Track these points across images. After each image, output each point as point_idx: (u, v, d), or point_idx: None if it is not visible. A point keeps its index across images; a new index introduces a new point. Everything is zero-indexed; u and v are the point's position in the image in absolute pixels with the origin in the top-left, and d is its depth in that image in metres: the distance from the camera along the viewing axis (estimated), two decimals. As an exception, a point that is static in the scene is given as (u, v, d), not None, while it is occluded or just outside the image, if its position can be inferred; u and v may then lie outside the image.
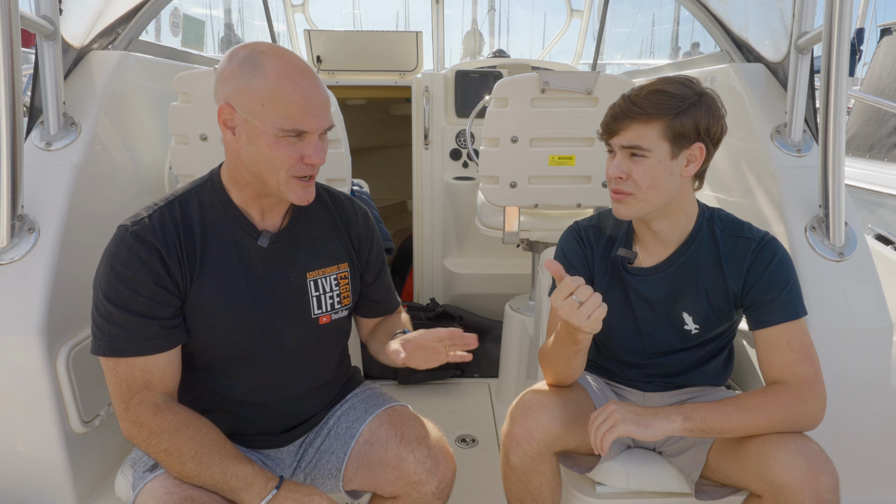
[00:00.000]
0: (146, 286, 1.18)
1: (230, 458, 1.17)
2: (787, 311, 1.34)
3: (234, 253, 1.27)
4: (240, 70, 1.16)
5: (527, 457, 1.38)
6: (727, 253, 1.42)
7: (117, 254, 1.19)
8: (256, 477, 1.17)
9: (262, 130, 1.16)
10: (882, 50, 5.45)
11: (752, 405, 1.28)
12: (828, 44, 1.50)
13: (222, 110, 1.19)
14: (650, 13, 13.19)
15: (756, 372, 1.67)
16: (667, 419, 1.28)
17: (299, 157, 1.19)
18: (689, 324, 1.46)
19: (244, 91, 1.16)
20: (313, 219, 1.38)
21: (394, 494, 1.33)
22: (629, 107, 1.33)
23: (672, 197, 1.37)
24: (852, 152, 5.29)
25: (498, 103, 2.16)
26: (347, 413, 1.44)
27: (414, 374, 2.80)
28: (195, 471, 1.15)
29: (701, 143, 1.33)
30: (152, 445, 1.17)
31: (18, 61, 1.45)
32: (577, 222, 1.60)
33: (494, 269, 3.46)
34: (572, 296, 1.19)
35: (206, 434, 1.19)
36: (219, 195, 1.28)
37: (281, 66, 1.15)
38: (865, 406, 1.61)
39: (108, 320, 1.18)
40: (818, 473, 1.18)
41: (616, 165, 1.36)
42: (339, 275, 1.40)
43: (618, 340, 1.54)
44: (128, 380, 1.19)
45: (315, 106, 1.17)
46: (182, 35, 4.94)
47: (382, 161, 4.57)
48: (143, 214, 1.23)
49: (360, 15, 22.24)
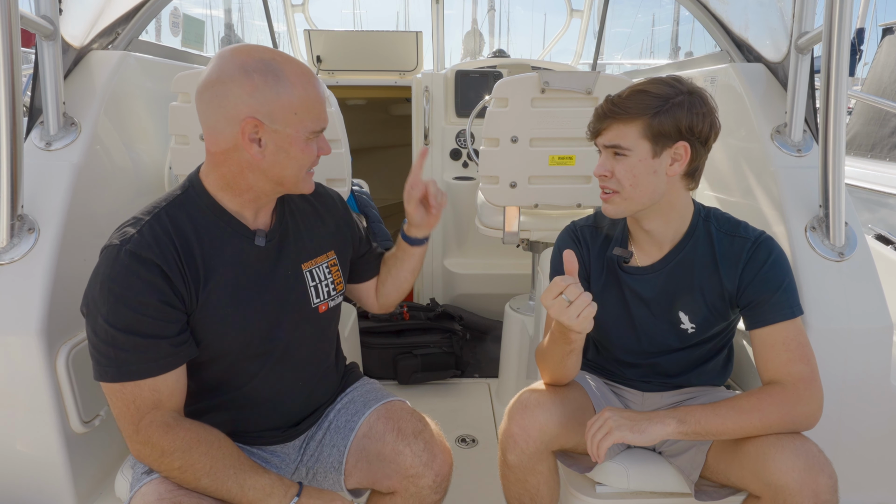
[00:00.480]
0: (151, 305, 1.13)
1: (246, 471, 1.16)
2: (782, 311, 1.34)
3: (233, 257, 1.27)
4: (264, 83, 1.15)
5: (524, 455, 1.38)
6: (723, 252, 1.42)
7: (113, 276, 1.13)
8: (275, 486, 1.16)
9: (295, 137, 1.20)
10: (884, 49, 5.44)
11: (747, 406, 1.27)
12: (828, 44, 1.50)
13: (245, 126, 1.15)
14: (650, 13, 13.18)
15: (755, 372, 1.67)
16: (661, 423, 1.28)
17: (317, 153, 1.27)
18: (686, 323, 1.46)
19: (275, 103, 1.16)
20: (297, 212, 1.41)
21: (391, 489, 1.34)
22: (610, 108, 1.36)
23: (660, 196, 1.38)
24: (854, 152, 5.29)
25: (498, 103, 2.16)
26: (347, 407, 1.45)
27: (414, 373, 2.80)
28: (211, 486, 1.14)
29: (685, 142, 1.33)
30: (165, 464, 1.14)
31: (18, 61, 1.45)
32: (574, 222, 1.61)
33: (494, 269, 3.46)
34: (562, 295, 1.20)
35: (219, 448, 1.17)
36: (206, 202, 1.26)
37: (297, 72, 1.19)
38: (865, 406, 1.61)
39: (113, 345, 1.13)
40: (817, 474, 1.17)
41: (601, 164, 1.40)
42: (329, 262, 1.43)
43: (615, 340, 1.54)
44: (136, 401, 1.15)
45: (323, 103, 1.25)
46: (182, 35, 4.94)
47: (382, 161, 4.57)
48: (131, 231, 1.16)
49: (361, 15, 22.26)
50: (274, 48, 1.25)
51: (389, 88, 3.62)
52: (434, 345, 2.87)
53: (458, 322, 3.14)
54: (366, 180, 2.71)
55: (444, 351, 2.87)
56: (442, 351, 2.86)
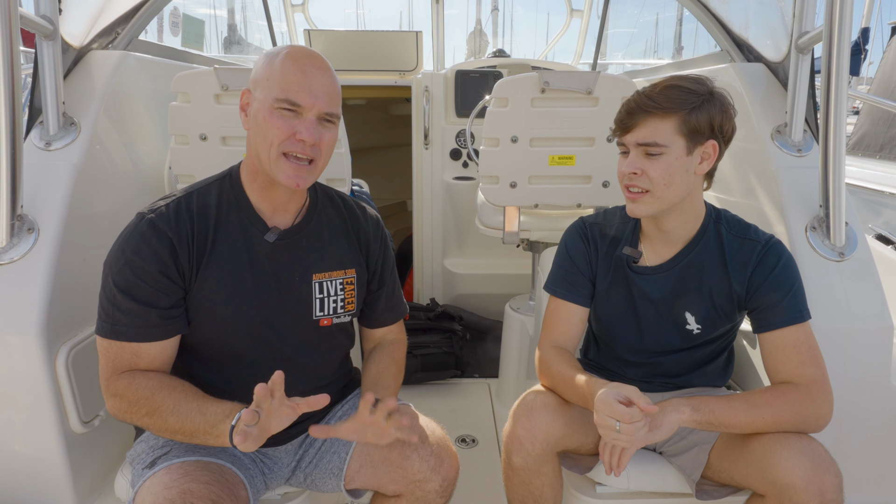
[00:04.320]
0: (150, 274, 1.21)
1: (207, 401, 1.19)
2: (792, 314, 1.35)
3: (243, 247, 1.29)
4: (264, 59, 1.26)
5: (529, 458, 1.37)
6: (732, 254, 1.42)
7: (130, 239, 1.23)
8: (234, 408, 1.16)
9: (262, 101, 1.23)
10: (892, 48, 5.39)
11: (761, 402, 1.28)
12: (828, 43, 1.50)
13: (243, 95, 1.28)
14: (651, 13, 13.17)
15: (756, 373, 1.67)
16: (675, 411, 1.26)
17: (292, 132, 1.22)
18: (692, 323, 1.46)
19: (259, 72, 1.25)
20: (325, 222, 1.40)
21: (397, 493, 1.33)
22: (644, 101, 1.32)
23: (686, 195, 1.37)
24: (863, 153, 5.25)
25: (498, 103, 2.16)
26: (349, 413, 1.45)
27: (414, 374, 2.80)
28: (177, 423, 1.16)
29: (714, 141, 1.33)
30: (135, 413, 1.20)
31: (18, 61, 1.45)
32: (583, 218, 1.59)
33: (494, 269, 3.46)
34: (615, 421, 1.20)
35: (181, 388, 1.21)
36: (235, 189, 1.32)
37: (295, 52, 1.24)
38: (866, 406, 1.61)
39: (113, 303, 1.22)
40: (823, 473, 1.18)
41: (630, 162, 1.35)
42: (346, 280, 1.40)
43: (619, 338, 1.54)
44: (115, 360, 1.23)
45: (314, 84, 1.23)
46: (182, 35, 4.94)
47: (382, 161, 4.57)
48: (161, 204, 1.27)
49: (364, 15, 22.25)
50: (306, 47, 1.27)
51: (389, 88, 3.62)
52: (434, 345, 2.87)
53: (458, 322, 3.14)
54: (366, 180, 2.70)
55: (444, 351, 2.87)
56: (442, 351, 2.86)
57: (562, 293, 1.53)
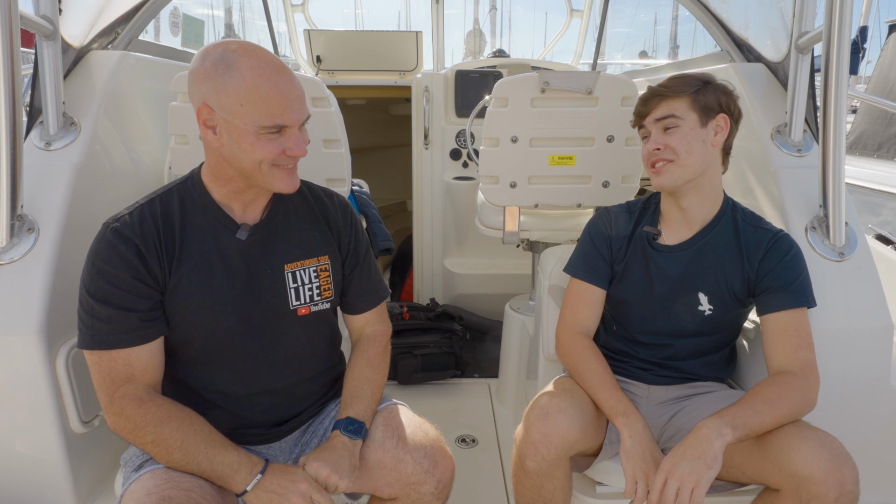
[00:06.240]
0: (124, 280, 1.21)
1: (216, 447, 1.19)
2: (798, 298, 1.42)
3: (213, 247, 1.29)
4: (214, 71, 1.18)
5: (544, 462, 1.37)
6: (747, 239, 1.51)
7: (98, 250, 1.23)
8: (242, 463, 1.18)
9: (243, 129, 1.19)
10: (890, 46, 5.39)
11: (774, 398, 1.30)
12: (828, 43, 1.50)
13: (201, 111, 1.21)
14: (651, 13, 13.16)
15: (756, 373, 1.67)
16: (720, 437, 1.23)
17: (281, 150, 1.22)
18: (704, 304, 1.51)
19: (221, 92, 1.18)
20: (292, 212, 1.40)
21: (392, 496, 1.32)
22: (657, 88, 1.50)
23: (706, 167, 1.48)
24: (860, 152, 5.26)
25: (498, 103, 2.16)
26: None
27: (414, 374, 2.80)
28: (182, 460, 1.17)
29: (725, 115, 1.47)
30: (139, 437, 1.19)
31: (18, 61, 1.45)
32: (607, 207, 1.70)
33: (494, 269, 3.46)
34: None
35: (190, 424, 1.20)
36: (198, 192, 1.31)
37: (255, 64, 1.18)
38: (865, 406, 1.61)
39: (91, 314, 1.21)
40: (842, 465, 1.20)
41: (653, 140, 1.49)
42: (319, 267, 1.40)
43: (632, 317, 1.58)
44: (111, 373, 1.22)
45: (292, 100, 1.20)
46: (182, 35, 4.94)
47: (382, 161, 4.58)
48: (125, 212, 1.27)
49: (362, 15, 22.27)
50: (246, 42, 1.23)
51: (389, 88, 3.62)
52: (434, 345, 2.87)
53: (458, 322, 3.13)
54: (366, 180, 2.70)
55: (443, 351, 2.87)
56: (442, 351, 2.86)
57: (581, 274, 1.62)
